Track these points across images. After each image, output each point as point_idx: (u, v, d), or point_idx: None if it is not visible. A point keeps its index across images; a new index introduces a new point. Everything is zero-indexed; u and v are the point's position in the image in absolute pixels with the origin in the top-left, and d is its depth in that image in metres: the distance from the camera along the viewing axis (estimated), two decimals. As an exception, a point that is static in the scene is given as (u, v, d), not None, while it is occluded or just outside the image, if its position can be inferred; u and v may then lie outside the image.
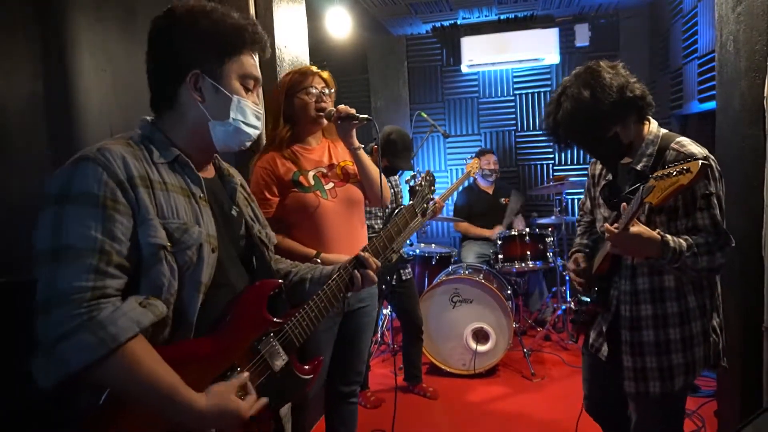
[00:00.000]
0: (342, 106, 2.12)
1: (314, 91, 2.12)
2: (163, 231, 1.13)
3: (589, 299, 1.94)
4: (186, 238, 1.16)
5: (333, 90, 2.19)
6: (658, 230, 1.60)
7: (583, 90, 1.66)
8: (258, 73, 1.28)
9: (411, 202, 1.77)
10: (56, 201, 1.07)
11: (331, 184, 2.16)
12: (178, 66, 1.21)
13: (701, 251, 1.61)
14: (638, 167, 1.72)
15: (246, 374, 1.22)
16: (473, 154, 4.87)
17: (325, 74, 2.18)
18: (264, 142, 2.33)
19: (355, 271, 1.49)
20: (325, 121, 2.15)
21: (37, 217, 1.08)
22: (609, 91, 1.64)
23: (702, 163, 1.39)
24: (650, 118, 1.77)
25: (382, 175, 2.08)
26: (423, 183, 1.82)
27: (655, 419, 1.81)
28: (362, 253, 1.53)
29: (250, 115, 1.26)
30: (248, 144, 1.30)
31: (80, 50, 2.02)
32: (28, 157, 1.85)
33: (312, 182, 2.12)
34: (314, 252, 2.08)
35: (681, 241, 1.60)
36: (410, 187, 1.83)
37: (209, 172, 1.35)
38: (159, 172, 1.18)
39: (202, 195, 1.25)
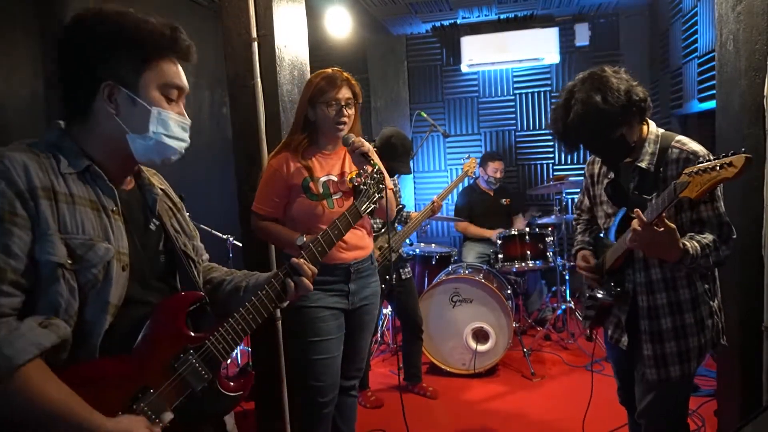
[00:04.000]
0: (359, 141, 2.03)
1: (335, 103, 2.09)
2: (63, 247, 1.05)
3: (602, 294, 1.98)
4: (91, 256, 1.08)
5: (359, 101, 2.17)
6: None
7: (594, 94, 1.70)
8: (182, 81, 1.19)
9: (354, 202, 1.66)
10: None
11: (339, 194, 2.16)
12: (91, 76, 1.11)
13: (711, 250, 1.69)
14: (643, 165, 1.80)
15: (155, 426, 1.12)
16: (470, 154, 4.85)
17: (354, 83, 2.15)
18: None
19: (288, 279, 1.37)
20: (342, 134, 2.11)
21: None
22: (618, 94, 1.70)
23: (746, 157, 1.43)
24: (648, 119, 1.85)
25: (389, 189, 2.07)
26: (368, 181, 1.69)
27: (667, 402, 1.88)
28: (295, 260, 1.39)
29: (173, 126, 1.17)
30: (174, 158, 1.20)
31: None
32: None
33: (321, 190, 2.13)
34: (297, 236, 2.03)
35: (696, 245, 1.67)
36: (353, 185, 1.69)
37: (128, 183, 1.25)
38: (66, 183, 1.09)
39: (114, 208, 1.16)
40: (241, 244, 2.85)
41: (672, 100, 4.49)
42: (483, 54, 5.35)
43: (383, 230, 3.23)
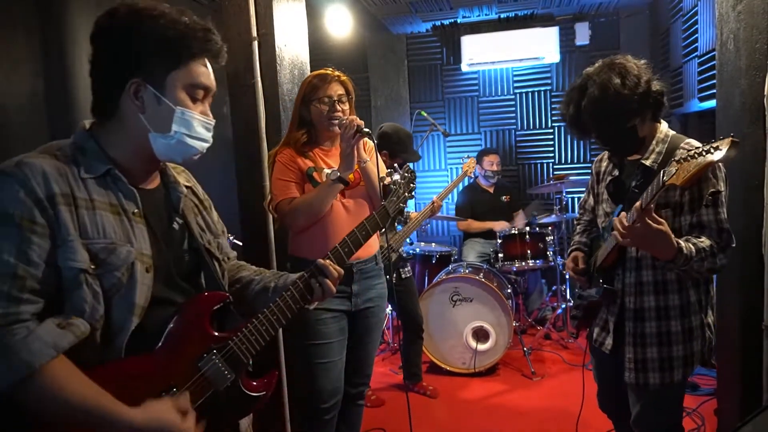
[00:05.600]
0: (349, 118, 2.09)
1: (328, 99, 2.12)
2: (85, 253, 1.05)
3: (590, 295, 1.96)
4: (113, 259, 1.08)
5: (352, 96, 2.19)
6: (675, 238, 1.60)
7: (614, 77, 1.67)
8: (210, 81, 1.18)
9: (383, 202, 1.66)
10: None
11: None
12: (119, 72, 1.11)
13: (707, 254, 1.63)
14: (647, 163, 1.76)
15: (185, 396, 1.14)
16: (469, 154, 4.85)
17: (345, 79, 2.18)
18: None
19: (312, 279, 1.35)
20: (338, 129, 2.13)
21: None
22: (638, 81, 1.68)
23: (732, 140, 1.38)
24: (660, 119, 1.81)
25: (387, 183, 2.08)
26: (400, 181, 1.68)
27: (654, 411, 1.83)
28: (321, 261, 1.37)
29: (196, 126, 1.16)
30: (196, 157, 1.21)
31: (80, 49, 2.02)
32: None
33: (324, 179, 2.14)
34: (327, 181, 2.05)
35: (692, 247, 1.62)
36: (384, 185, 1.70)
37: (153, 182, 1.25)
38: (86, 188, 1.09)
39: (136, 210, 1.16)
40: (241, 244, 2.85)
41: (672, 99, 4.48)
42: (483, 53, 5.35)
43: (383, 230, 3.23)
